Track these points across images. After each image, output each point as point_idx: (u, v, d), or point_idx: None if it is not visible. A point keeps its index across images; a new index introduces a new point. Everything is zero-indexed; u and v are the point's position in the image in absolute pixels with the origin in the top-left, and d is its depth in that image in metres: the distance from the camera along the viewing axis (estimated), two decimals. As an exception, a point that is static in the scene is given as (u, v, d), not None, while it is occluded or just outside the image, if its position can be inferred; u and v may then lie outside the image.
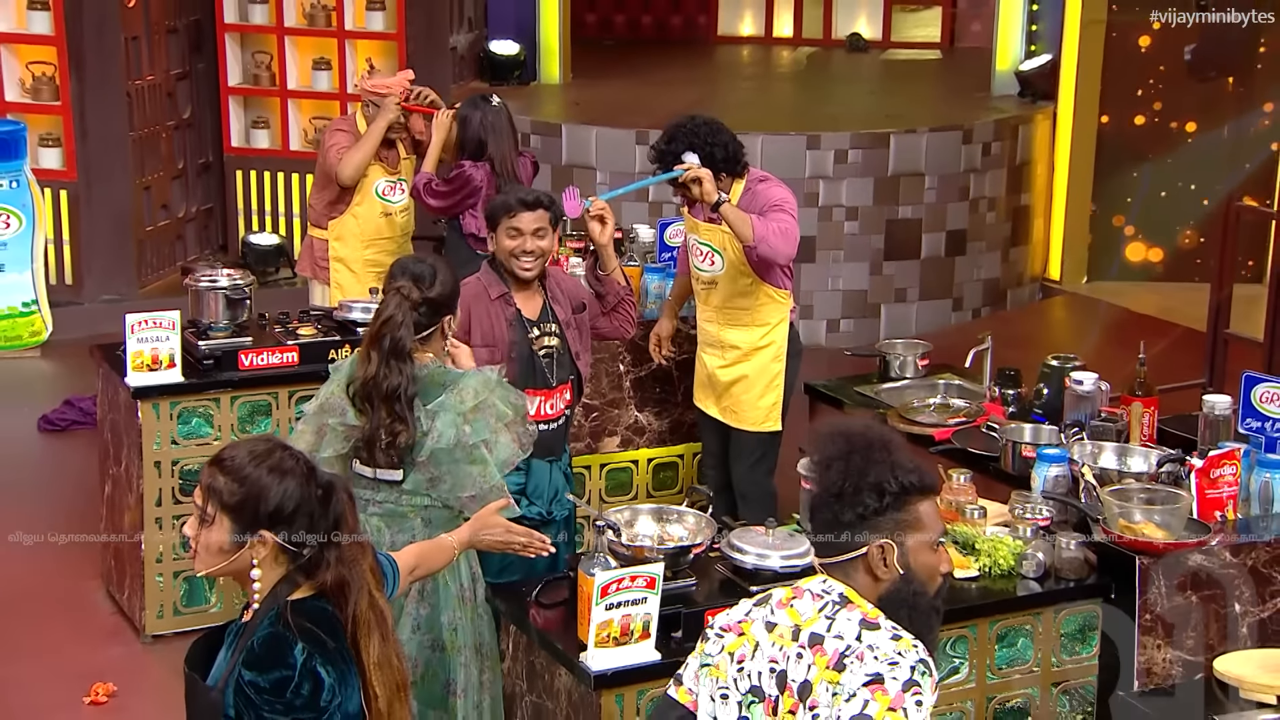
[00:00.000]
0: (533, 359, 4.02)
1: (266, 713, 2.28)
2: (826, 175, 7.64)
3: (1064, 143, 8.48)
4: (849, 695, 2.22)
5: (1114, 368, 4.77)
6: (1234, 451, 3.79)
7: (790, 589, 2.38)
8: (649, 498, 5.20)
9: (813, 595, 2.35)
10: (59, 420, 6.49)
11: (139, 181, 7.99)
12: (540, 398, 4.03)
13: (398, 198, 5.67)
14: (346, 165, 5.53)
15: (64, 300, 7.70)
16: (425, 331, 3.49)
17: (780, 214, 4.56)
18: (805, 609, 2.33)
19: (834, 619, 2.30)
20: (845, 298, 7.76)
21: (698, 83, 9.60)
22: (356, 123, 5.67)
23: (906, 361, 4.96)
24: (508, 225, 4.01)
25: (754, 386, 4.77)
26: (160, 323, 4.65)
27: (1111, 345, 7.17)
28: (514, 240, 4.01)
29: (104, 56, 7.69)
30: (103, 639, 4.86)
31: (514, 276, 4.05)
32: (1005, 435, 4.22)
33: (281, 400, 4.81)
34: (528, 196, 4.07)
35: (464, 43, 8.99)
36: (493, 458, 3.43)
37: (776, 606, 2.36)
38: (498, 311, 3.99)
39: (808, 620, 2.31)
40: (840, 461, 2.36)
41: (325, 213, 5.67)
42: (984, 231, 8.10)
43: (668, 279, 5.29)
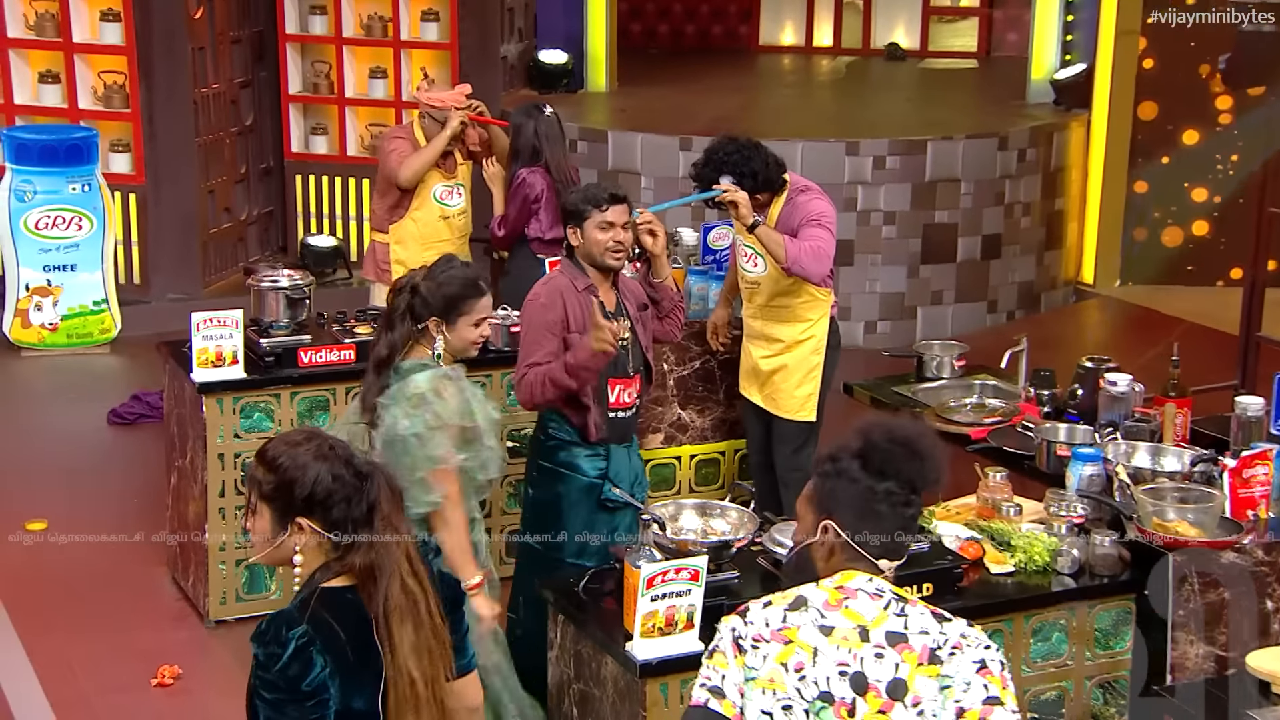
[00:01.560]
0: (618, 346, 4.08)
1: (255, 683, 2.32)
2: (865, 180, 7.61)
3: (1098, 148, 8.39)
4: (964, 684, 2.22)
5: (1147, 369, 4.72)
6: (1267, 452, 3.75)
7: (832, 589, 2.29)
8: (691, 493, 5.20)
9: (868, 595, 2.28)
10: (127, 414, 6.56)
11: (204, 185, 8.07)
12: (620, 385, 4.09)
13: (455, 201, 5.72)
14: (407, 169, 5.57)
15: (132, 299, 7.78)
16: (420, 323, 3.46)
17: (816, 230, 4.59)
18: (867, 609, 2.26)
19: (906, 615, 2.26)
20: (883, 300, 7.72)
21: (740, 90, 9.58)
22: (414, 132, 5.70)
23: (943, 362, 4.93)
24: (600, 220, 4.05)
25: (792, 376, 4.82)
26: (224, 321, 4.69)
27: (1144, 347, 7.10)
28: (606, 233, 4.05)
29: (172, 66, 7.77)
30: (169, 623, 4.91)
31: (601, 269, 4.09)
32: (1040, 434, 4.19)
33: (339, 396, 4.84)
34: (616, 190, 4.14)
35: (514, 52, 9.02)
36: (421, 451, 3.37)
37: (825, 609, 2.27)
38: (587, 302, 4.06)
39: (875, 620, 2.25)
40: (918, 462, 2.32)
41: (386, 217, 5.71)
42: (1019, 236, 8.03)
43: (710, 281, 5.28)
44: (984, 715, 2.20)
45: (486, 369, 4.95)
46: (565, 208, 4.14)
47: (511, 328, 4.94)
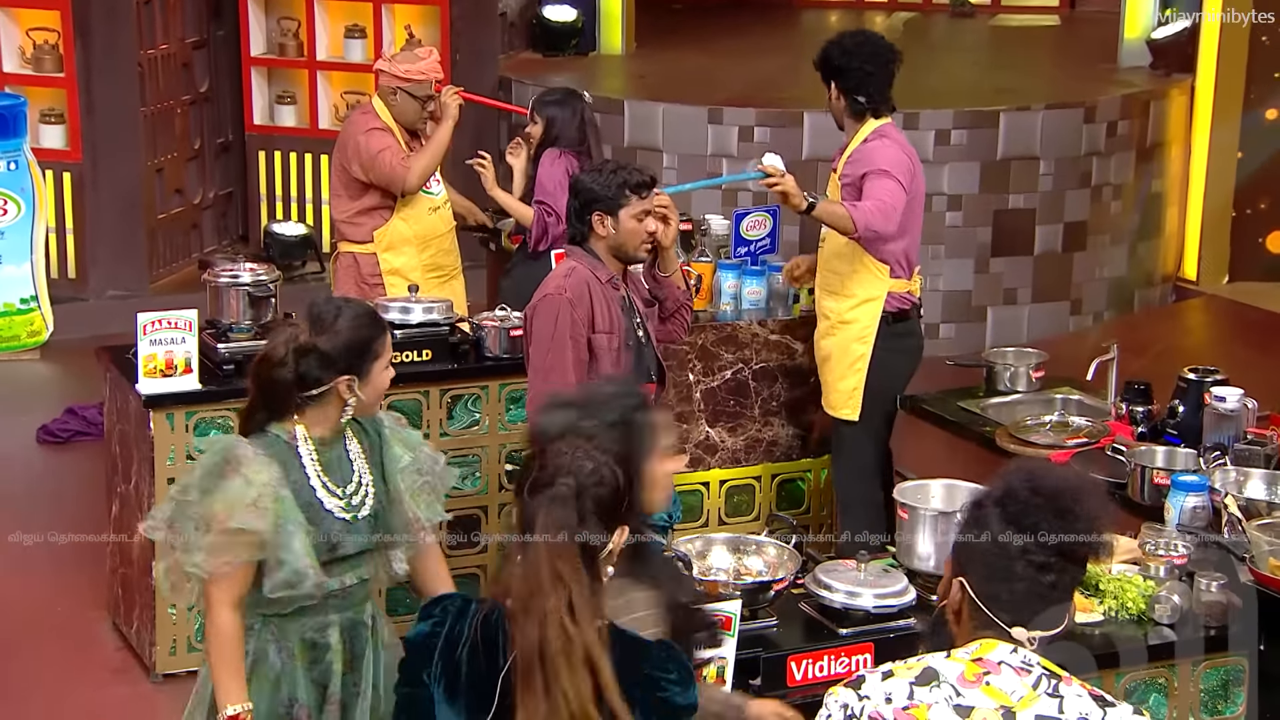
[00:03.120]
0: (640, 348, 4.18)
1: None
2: (926, 159, 7.55)
3: (1203, 122, 8.38)
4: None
5: (1261, 381, 4.71)
6: (1403, 481, 3.74)
7: (970, 662, 2.29)
8: (721, 525, 5.21)
9: (1013, 669, 2.28)
10: (60, 431, 6.59)
11: (151, 163, 8.12)
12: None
13: (438, 190, 5.64)
14: (415, 174, 5.40)
15: (66, 296, 7.83)
16: (315, 390, 3.14)
17: (882, 182, 4.78)
18: (1012, 686, 2.26)
19: (1061, 696, 2.26)
20: (946, 299, 7.72)
21: (778, 52, 9.59)
22: (381, 117, 5.50)
23: (1018, 373, 4.93)
24: (639, 208, 4.14)
25: (836, 367, 4.98)
26: (176, 323, 4.71)
27: (1258, 355, 7.09)
28: (642, 221, 4.15)
29: (113, 23, 7.81)
30: (109, 678, 4.91)
31: (628, 261, 4.19)
32: (1134, 459, 4.18)
33: (309, 411, 4.85)
34: (649, 175, 4.23)
35: (514, 7, 9.04)
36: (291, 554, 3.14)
37: (961, 685, 2.27)
38: (612, 296, 4.14)
39: (1022, 700, 2.25)
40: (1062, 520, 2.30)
41: (365, 223, 5.52)
42: (1108, 224, 8.02)
43: (744, 277, 5.30)
44: None
45: (483, 379, 4.97)
46: (596, 193, 4.16)
47: (511, 331, 4.96)
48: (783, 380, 5.25)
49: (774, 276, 5.34)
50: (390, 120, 5.51)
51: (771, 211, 5.40)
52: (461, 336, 5.08)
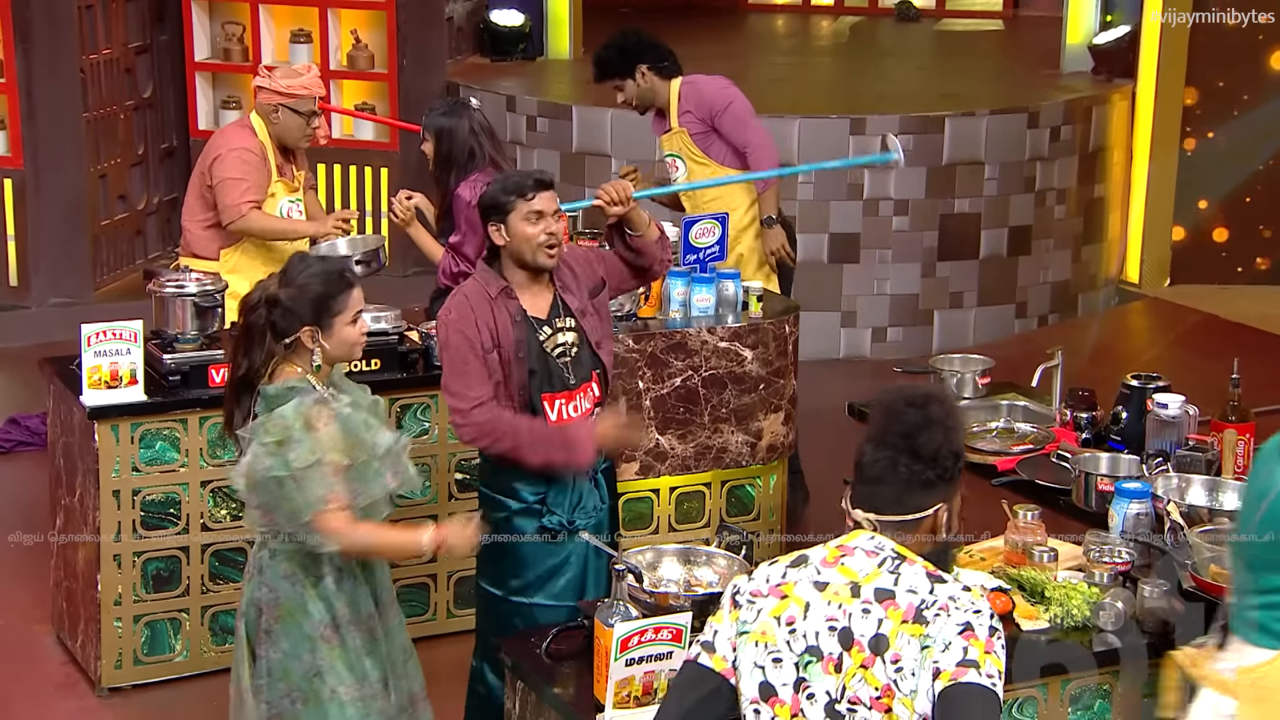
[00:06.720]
0: (546, 360, 4.00)
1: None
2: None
3: (1144, 126, 8.48)
4: (944, 645, 2.55)
5: (1204, 387, 4.76)
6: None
7: (834, 548, 2.69)
8: (671, 532, 5.22)
9: (865, 552, 2.66)
10: (3, 441, 6.53)
11: (94, 169, 8.05)
12: (561, 400, 4.01)
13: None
14: (248, 223, 5.30)
15: (8, 304, 7.77)
16: (286, 338, 3.50)
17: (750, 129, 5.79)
18: (861, 565, 2.64)
19: (899, 574, 2.62)
20: (893, 303, 7.77)
21: (727, 57, 9.60)
22: (258, 134, 5.38)
23: (964, 379, 4.96)
24: (527, 210, 3.95)
25: (748, 267, 5.80)
26: (120, 334, 4.68)
27: (1199, 358, 7.16)
28: (536, 225, 3.95)
29: (54, 28, 7.74)
30: (52, 693, 4.87)
31: (531, 269, 4.00)
32: (1078, 466, 4.22)
33: (256, 422, 4.83)
34: (541, 176, 4.05)
35: (461, 12, 9.03)
36: (299, 494, 3.41)
37: (822, 565, 2.67)
38: (500, 309, 3.98)
39: (867, 576, 2.63)
40: (938, 426, 2.69)
41: (213, 239, 5.40)
42: (1052, 228, 8.10)
43: (693, 284, 5.31)
44: (956, 676, 2.53)
45: (432, 388, 4.96)
46: (483, 203, 4.03)
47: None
48: (732, 387, 5.26)
49: (723, 284, 5.35)
50: (266, 138, 5.40)
51: (720, 219, 5.42)
52: (410, 346, 5.07)
